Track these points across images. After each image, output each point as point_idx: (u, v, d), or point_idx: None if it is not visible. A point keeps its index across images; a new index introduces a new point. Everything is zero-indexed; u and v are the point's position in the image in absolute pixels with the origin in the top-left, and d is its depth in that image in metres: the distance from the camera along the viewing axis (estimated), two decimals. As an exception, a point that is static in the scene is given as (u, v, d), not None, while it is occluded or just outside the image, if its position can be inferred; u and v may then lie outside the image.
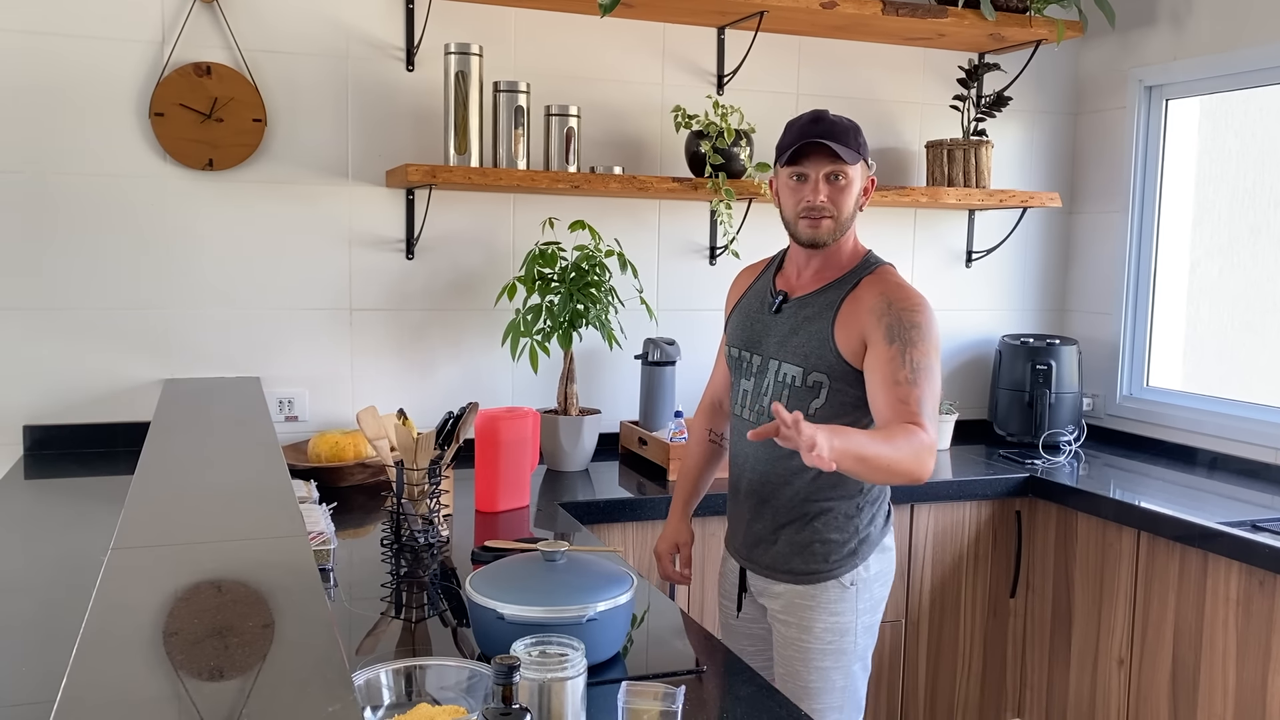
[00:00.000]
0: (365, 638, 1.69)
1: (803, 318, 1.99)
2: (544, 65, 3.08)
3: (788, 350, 1.99)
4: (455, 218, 3.04)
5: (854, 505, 2.00)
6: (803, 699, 2.01)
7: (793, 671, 2.02)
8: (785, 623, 2.03)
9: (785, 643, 2.04)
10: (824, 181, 1.92)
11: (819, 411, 1.95)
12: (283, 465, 1.68)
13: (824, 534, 1.99)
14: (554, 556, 1.64)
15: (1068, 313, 3.77)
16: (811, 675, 2.00)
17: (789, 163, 1.94)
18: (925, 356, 1.87)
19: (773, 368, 2.01)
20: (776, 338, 2.02)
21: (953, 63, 3.51)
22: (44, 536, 2.09)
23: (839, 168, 1.92)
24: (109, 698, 0.84)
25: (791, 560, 2.01)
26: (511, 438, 2.46)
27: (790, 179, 1.96)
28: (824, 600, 1.99)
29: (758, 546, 2.06)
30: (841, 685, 2.01)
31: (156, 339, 2.81)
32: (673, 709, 1.30)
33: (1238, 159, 3.28)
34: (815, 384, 1.95)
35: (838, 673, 2.01)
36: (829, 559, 1.99)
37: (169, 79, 2.72)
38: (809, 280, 2.02)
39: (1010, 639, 3.11)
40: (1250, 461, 3.08)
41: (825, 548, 1.99)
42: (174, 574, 1.14)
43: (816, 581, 2.00)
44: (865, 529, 2.01)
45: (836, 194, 1.93)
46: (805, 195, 1.93)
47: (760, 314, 2.08)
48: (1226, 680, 2.50)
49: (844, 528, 1.99)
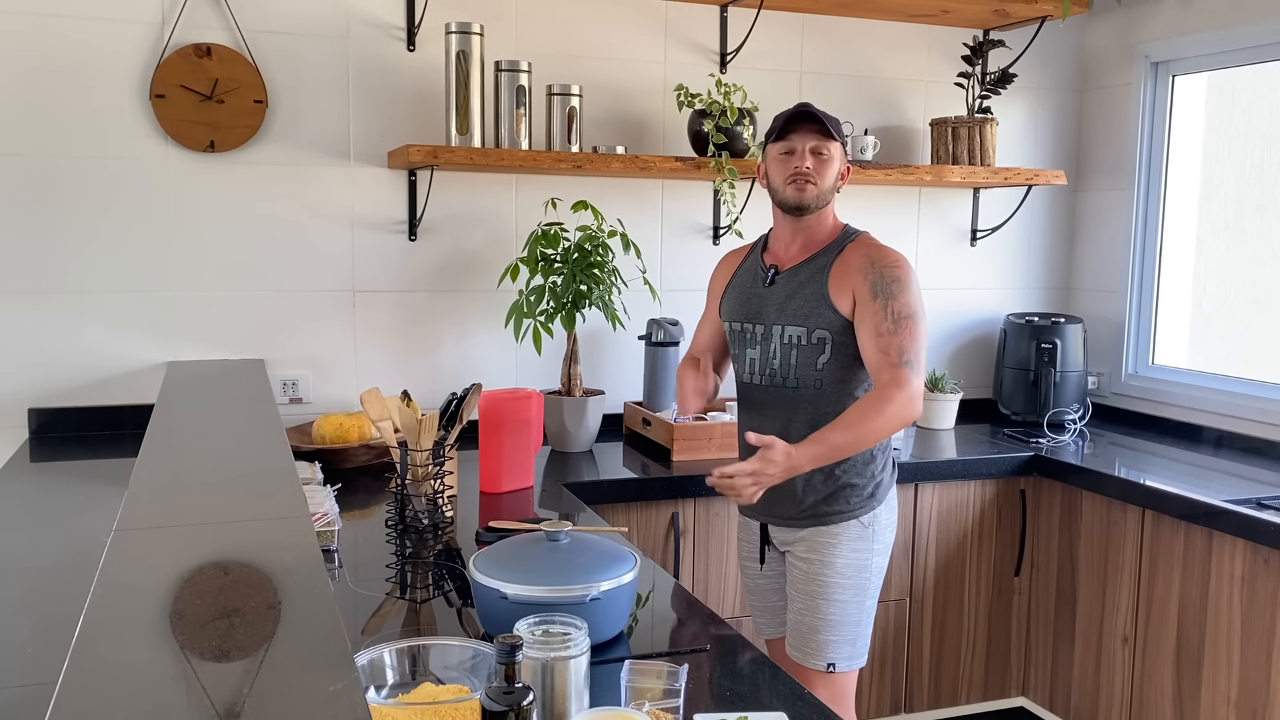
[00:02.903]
0: (370, 618, 1.69)
1: (797, 284, 2.20)
2: (545, 44, 3.06)
3: (788, 314, 2.19)
4: (457, 198, 3.03)
5: (869, 453, 2.19)
6: (819, 630, 2.18)
7: (812, 605, 2.19)
8: (807, 560, 2.20)
9: (806, 578, 2.20)
10: (810, 154, 2.15)
11: (826, 366, 2.16)
12: (286, 447, 1.68)
13: (846, 479, 2.18)
14: (557, 536, 1.64)
15: (1073, 291, 3.75)
16: (830, 608, 2.18)
17: (778, 139, 2.17)
18: (906, 306, 2.08)
19: (776, 332, 2.20)
20: (775, 305, 2.22)
21: (957, 39, 3.49)
22: (49, 519, 2.10)
23: (823, 143, 2.15)
24: (112, 678, 0.84)
25: (818, 506, 2.19)
26: (515, 419, 2.46)
27: (779, 154, 2.18)
28: (845, 538, 2.18)
29: (782, 500, 2.21)
30: (855, 619, 2.19)
31: (160, 322, 2.81)
32: (675, 687, 1.30)
33: (1244, 135, 3.25)
34: (819, 340, 2.15)
35: (853, 606, 2.19)
36: (850, 501, 2.19)
37: (169, 60, 2.71)
38: (796, 253, 2.23)
39: (1015, 617, 3.12)
40: (1255, 439, 3.07)
41: (847, 491, 2.19)
42: (178, 555, 1.14)
43: (839, 521, 2.19)
44: (880, 474, 2.22)
45: (820, 165, 2.16)
46: (793, 164, 2.15)
47: (755, 288, 2.27)
48: (1231, 657, 2.50)
49: (863, 473, 2.19)
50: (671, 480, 2.66)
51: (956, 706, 3.09)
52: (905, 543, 2.94)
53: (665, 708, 1.29)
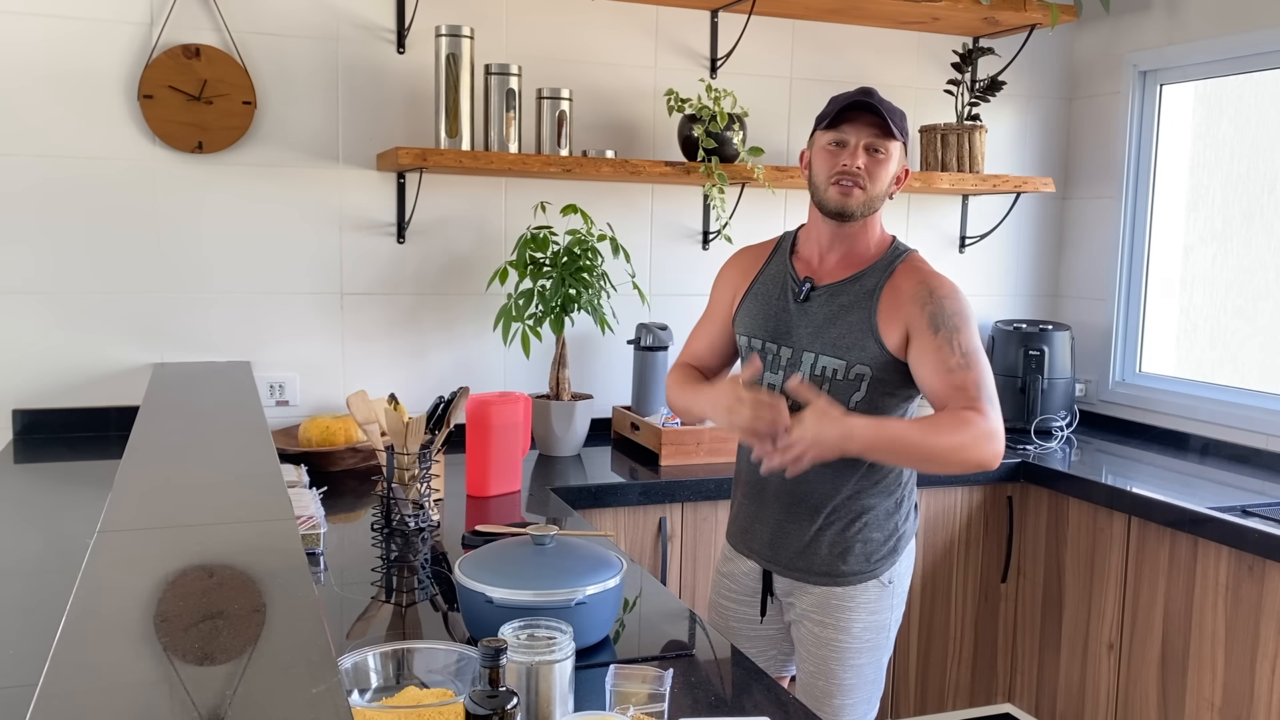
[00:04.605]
0: (356, 622, 1.69)
1: (838, 307, 1.90)
2: (536, 48, 3.06)
3: (824, 342, 1.90)
4: (446, 201, 3.02)
5: (894, 502, 1.95)
6: (834, 695, 1.96)
7: (826, 670, 1.96)
8: (820, 623, 1.96)
9: (819, 643, 1.96)
10: (863, 151, 1.86)
11: (859, 404, 1.88)
12: (272, 450, 1.68)
13: (867, 533, 1.93)
14: (543, 540, 1.64)
15: (1061, 298, 3.77)
16: (847, 674, 1.95)
17: (830, 126, 1.87)
18: (972, 340, 1.83)
19: (807, 360, 1.91)
20: (809, 329, 1.92)
21: (947, 47, 3.50)
22: (33, 521, 2.09)
23: (880, 141, 1.85)
24: (94, 681, 0.83)
25: (833, 563, 1.94)
26: (503, 422, 2.46)
27: (829, 145, 1.88)
28: (863, 600, 1.94)
29: (789, 549, 1.97)
30: (873, 679, 1.98)
31: (146, 323, 2.80)
32: (660, 691, 1.30)
33: (1231, 145, 3.27)
34: (857, 376, 1.87)
35: (871, 668, 1.97)
36: (870, 559, 1.94)
37: (158, 61, 2.70)
38: (835, 266, 1.94)
39: (1001, 624, 3.12)
40: (1241, 447, 3.09)
41: (867, 548, 1.93)
42: (162, 558, 1.14)
43: (857, 583, 1.94)
44: (903, 525, 1.98)
45: (874, 165, 1.86)
46: (842, 160, 1.86)
47: (783, 302, 1.96)
48: (1215, 664, 2.51)
49: (884, 525, 1.94)
50: (659, 485, 2.66)
51: (943, 713, 3.09)
52: (892, 548, 2.95)
53: (650, 712, 1.29)
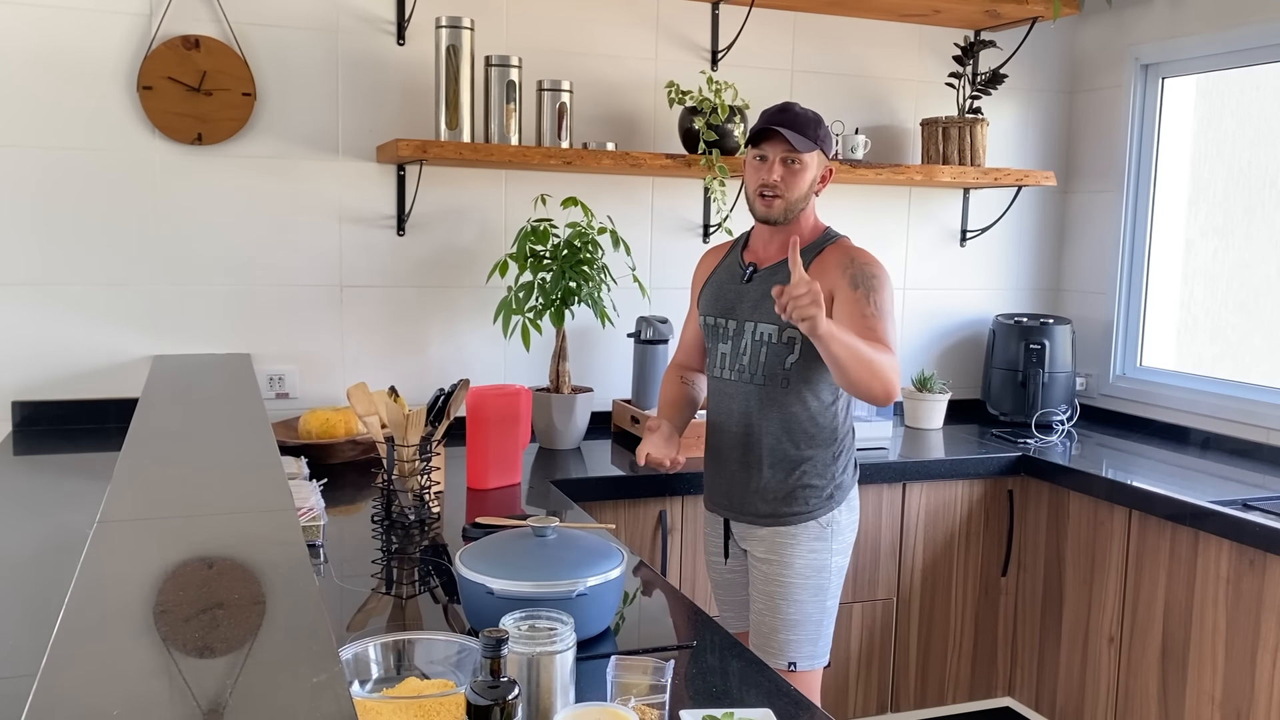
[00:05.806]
0: (356, 613, 1.68)
1: (774, 282, 2.18)
2: (536, 40, 3.05)
3: (761, 312, 2.19)
4: (447, 194, 3.02)
5: (830, 454, 2.22)
6: (779, 629, 2.21)
7: (772, 606, 2.22)
8: (767, 560, 2.23)
9: (766, 579, 2.23)
10: (780, 164, 2.14)
11: (794, 366, 2.17)
12: (272, 442, 1.67)
13: (808, 480, 2.20)
14: (544, 532, 1.64)
15: (1062, 292, 3.76)
16: (790, 608, 2.20)
17: (752, 143, 2.17)
18: (885, 301, 2.11)
19: (749, 329, 2.21)
20: (750, 302, 2.22)
21: (948, 40, 3.49)
22: (33, 512, 2.08)
23: (795, 154, 2.13)
24: (93, 672, 0.83)
25: (778, 505, 2.21)
26: (503, 415, 2.45)
27: (754, 159, 2.18)
28: (804, 538, 2.21)
29: (743, 496, 2.25)
30: (816, 619, 2.22)
31: (145, 315, 2.80)
32: (661, 683, 1.30)
33: (1233, 138, 3.27)
34: (790, 339, 2.16)
35: (813, 606, 2.21)
36: (809, 502, 2.21)
37: (157, 52, 2.69)
38: (775, 252, 2.24)
39: (1001, 617, 3.12)
40: (1242, 441, 3.09)
41: (806, 492, 2.21)
42: (161, 549, 1.13)
43: (797, 522, 2.21)
44: (840, 476, 2.24)
45: (790, 176, 2.14)
46: (763, 174, 2.15)
47: (732, 284, 2.28)
48: (1216, 658, 2.51)
49: (823, 474, 2.21)
50: (659, 478, 2.65)
51: (943, 706, 3.10)
52: (893, 542, 2.94)
53: (651, 703, 1.29)
